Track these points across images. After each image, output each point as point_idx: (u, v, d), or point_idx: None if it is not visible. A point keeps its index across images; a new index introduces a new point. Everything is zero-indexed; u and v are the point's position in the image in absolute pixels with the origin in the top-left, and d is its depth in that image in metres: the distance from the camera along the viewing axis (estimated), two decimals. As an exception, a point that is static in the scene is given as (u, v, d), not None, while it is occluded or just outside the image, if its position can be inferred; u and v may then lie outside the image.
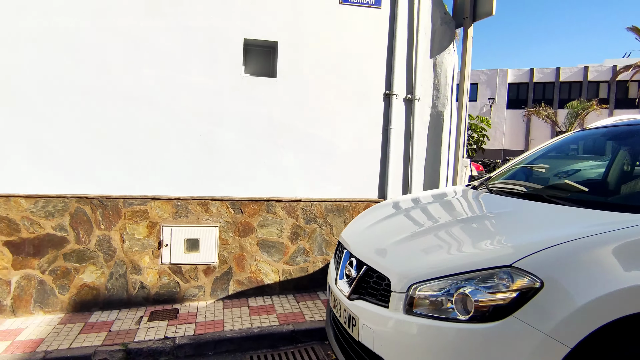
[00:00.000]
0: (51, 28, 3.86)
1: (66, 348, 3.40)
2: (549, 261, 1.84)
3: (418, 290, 2.01)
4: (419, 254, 2.22)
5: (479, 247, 2.09)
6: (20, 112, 3.86)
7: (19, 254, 3.92)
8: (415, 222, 2.66)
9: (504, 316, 1.81)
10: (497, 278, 1.87)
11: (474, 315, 1.86)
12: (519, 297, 1.81)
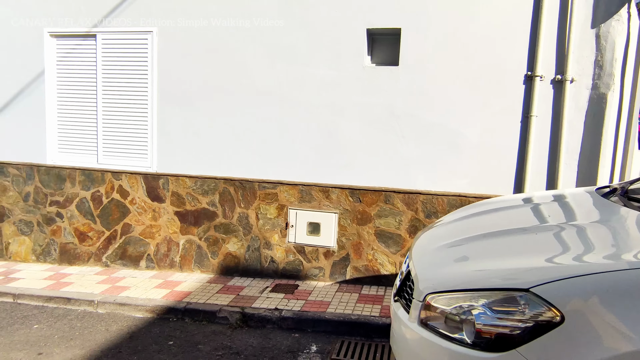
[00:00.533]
0: (209, 34, 4.63)
1: (202, 302, 4.15)
2: (578, 292, 1.44)
3: (433, 302, 1.82)
4: (450, 263, 1.98)
5: (510, 262, 1.75)
6: (185, 110, 4.76)
7: (184, 222, 4.90)
8: (474, 227, 2.33)
9: (506, 348, 1.51)
10: (511, 302, 1.56)
11: (476, 341, 1.60)
12: (530, 329, 1.48)
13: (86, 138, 5.13)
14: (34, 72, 5.09)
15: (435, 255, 2.11)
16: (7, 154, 5.29)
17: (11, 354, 3.38)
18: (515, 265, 1.70)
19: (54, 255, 5.29)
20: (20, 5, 5.08)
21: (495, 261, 1.82)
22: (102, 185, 5.05)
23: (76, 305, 4.28)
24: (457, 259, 1.98)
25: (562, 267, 1.53)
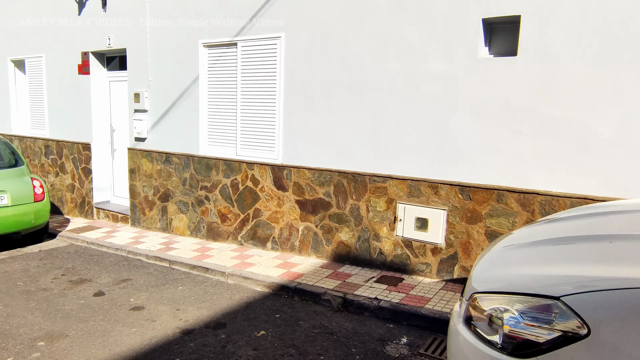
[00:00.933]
0: (327, 36, 4.95)
1: (310, 284, 4.53)
2: (606, 306, 1.32)
3: (477, 302, 1.81)
4: (504, 264, 1.90)
5: (555, 269, 1.63)
6: (306, 107, 5.18)
7: (303, 210, 5.35)
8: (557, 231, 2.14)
9: (529, 355, 1.45)
10: (542, 309, 1.49)
11: (503, 344, 1.56)
12: (554, 338, 1.40)
13: (228, 133, 5.95)
14: (191, 78, 6.09)
15: (497, 256, 2.04)
16: (172, 146, 6.45)
17: (159, 306, 4.22)
18: (557, 272, 1.58)
19: (203, 232, 6.28)
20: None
21: (543, 267, 1.71)
22: (239, 174, 5.81)
23: (212, 274, 5.06)
24: (512, 262, 1.90)
25: (596, 279, 1.40)
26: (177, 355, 3.32)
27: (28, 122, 8.79)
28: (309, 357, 3.29)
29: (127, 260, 5.64)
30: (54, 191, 8.34)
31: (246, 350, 3.38)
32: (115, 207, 7.57)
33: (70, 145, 7.87)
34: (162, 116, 6.48)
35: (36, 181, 6.26)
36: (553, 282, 1.53)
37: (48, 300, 4.34)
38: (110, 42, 6.96)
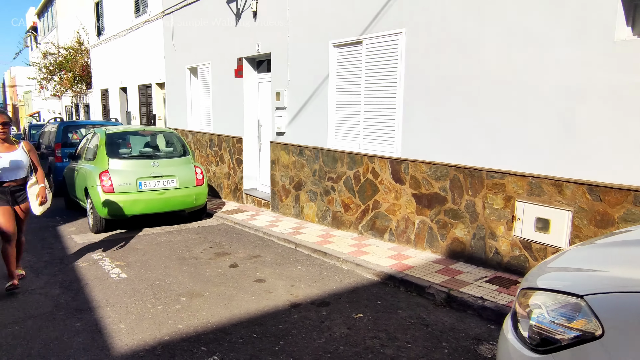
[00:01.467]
0: (446, 29, 4.87)
1: (417, 277, 4.58)
2: (621, 308, 1.22)
3: (522, 297, 1.77)
4: (557, 263, 1.79)
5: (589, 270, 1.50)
6: (425, 101, 5.17)
7: (419, 203, 5.38)
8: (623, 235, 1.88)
9: (546, 351, 1.41)
10: (566, 307, 1.43)
11: (528, 339, 1.53)
12: (571, 336, 1.35)
13: (352, 128, 6.26)
14: (322, 77, 6.56)
15: (560, 256, 1.92)
16: (305, 140, 7.04)
17: (277, 280, 4.76)
18: (588, 273, 1.47)
19: (328, 219, 6.74)
20: (313, 25, 6.62)
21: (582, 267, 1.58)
22: (361, 167, 6.09)
23: (329, 259, 5.46)
24: (565, 260, 1.78)
25: (617, 280, 1.28)
26: (282, 322, 3.76)
27: (198, 119, 10.46)
28: (397, 342, 3.41)
29: (262, 240, 6.41)
30: (214, 178, 9.79)
31: (340, 328, 3.65)
32: (260, 193, 8.57)
33: (227, 139, 9.14)
34: (298, 112, 7.12)
35: (198, 169, 7.49)
36: (580, 281, 1.44)
37: (195, 266, 5.25)
38: (259, 48, 7.88)
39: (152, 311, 4.01)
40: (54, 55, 21.86)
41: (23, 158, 4.49)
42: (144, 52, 13.29)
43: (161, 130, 8.26)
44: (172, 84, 11.52)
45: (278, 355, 3.24)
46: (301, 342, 3.43)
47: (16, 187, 4.49)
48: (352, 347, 3.34)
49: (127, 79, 15.00)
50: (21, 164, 4.47)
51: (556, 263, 1.82)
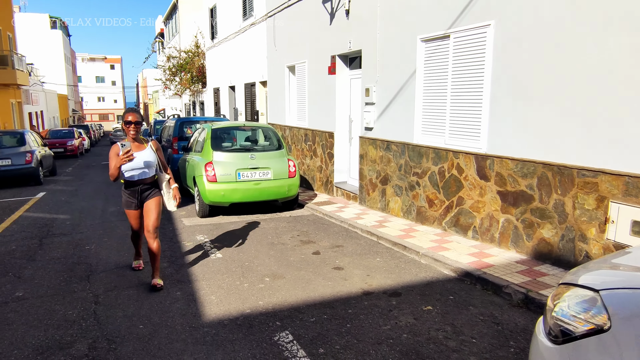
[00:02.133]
0: (536, 19, 4.64)
1: (495, 275, 4.48)
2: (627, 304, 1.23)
3: (558, 291, 1.78)
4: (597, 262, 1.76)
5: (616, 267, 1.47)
6: (514, 95, 4.98)
7: (504, 201, 5.20)
8: None
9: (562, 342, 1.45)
10: (584, 301, 1.45)
11: (550, 330, 1.56)
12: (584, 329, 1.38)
13: (438, 123, 6.21)
14: (409, 72, 6.59)
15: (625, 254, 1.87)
16: (391, 134, 7.13)
17: (354, 270, 4.98)
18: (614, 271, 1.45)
19: (413, 214, 6.77)
20: (401, 21, 6.66)
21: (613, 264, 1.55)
22: (446, 162, 6.03)
23: (408, 252, 5.53)
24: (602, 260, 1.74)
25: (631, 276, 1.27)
26: (352, 307, 3.98)
27: (295, 115, 11.04)
28: (462, 337, 3.43)
29: (346, 231, 6.68)
30: (308, 171, 10.29)
31: (407, 318, 3.76)
32: (349, 187, 8.84)
33: (320, 134, 9.56)
34: (385, 108, 7.23)
35: (291, 162, 7.98)
36: (611, 278, 1.44)
37: (281, 252, 5.69)
38: (350, 45, 8.11)
39: (239, 287, 4.49)
40: (176, 58, 24.38)
41: (152, 157, 4.42)
42: (249, 52, 14.31)
43: (260, 125, 8.93)
44: (273, 81, 12.28)
45: (343, 335, 3.47)
46: (367, 326, 3.62)
47: (145, 187, 4.47)
48: (415, 337, 3.44)
49: (235, 78, 16.26)
50: (152, 164, 4.42)
51: (616, 260, 1.78)
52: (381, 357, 3.15)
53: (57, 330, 3.65)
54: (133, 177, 4.38)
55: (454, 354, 3.19)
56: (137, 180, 4.41)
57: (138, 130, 4.33)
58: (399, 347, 3.28)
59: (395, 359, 3.14)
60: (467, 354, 3.18)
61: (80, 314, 3.95)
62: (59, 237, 6.56)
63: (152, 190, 4.52)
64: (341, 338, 3.44)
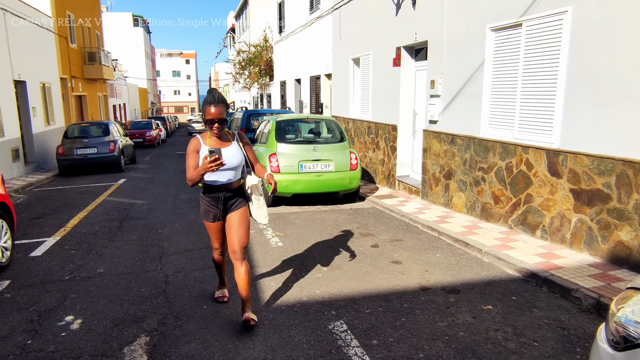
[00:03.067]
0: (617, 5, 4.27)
1: (564, 278, 4.23)
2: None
3: (623, 296, 1.67)
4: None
5: None
6: (592, 86, 4.63)
7: (577, 200, 4.88)
8: None
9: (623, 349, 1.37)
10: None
11: (611, 337, 1.48)
12: None
13: (507, 116, 5.93)
14: (477, 63, 6.34)
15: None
16: (456, 128, 6.92)
17: (413, 264, 4.93)
18: None
19: (477, 211, 6.54)
20: (470, 10, 6.39)
21: None
22: (514, 157, 5.75)
23: (470, 249, 5.37)
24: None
25: None
26: (408, 302, 3.96)
27: (359, 108, 11.02)
28: (523, 339, 3.29)
29: (406, 226, 6.60)
30: (370, 164, 10.25)
31: (465, 316, 3.67)
32: (411, 181, 8.70)
33: (383, 127, 9.47)
34: (451, 100, 7.02)
35: (353, 154, 8.00)
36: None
37: (340, 243, 5.75)
38: (416, 36, 7.94)
39: (297, 275, 4.62)
40: (245, 52, 25.17)
41: (239, 156, 3.43)
42: (315, 45, 14.45)
43: (323, 118, 9.02)
44: (338, 74, 12.32)
45: (397, 329, 3.46)
46: (422, 321, 3.58)
47: (229, 194, 3.48)
48: (472, 335, 3.36)
49: (300, 71, 16.50)
50: (238, 165, 3.44)
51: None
52: (435, 353, 3.12)
53: (131, 305, 3.98)
54: (216, 182, 3.41)
55: (512, 355, 3.08)
56: (220, 185, 3.43)
57: (221, 128, 3.31)
58: (455, 345, 3.22)
59: (450, 356, 3.08)
60: (527, 357, 3.05)
61: (152, 292, 4.26)
62: (136, 221, 7.10)
63: (237, 200, 3.51)
64: (395, 331, 3.43)
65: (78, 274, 4.79)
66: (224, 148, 3.35)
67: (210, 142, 3.38)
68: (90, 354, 3.20)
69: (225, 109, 3.28)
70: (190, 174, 3.26)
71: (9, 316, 3.83)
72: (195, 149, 3.36)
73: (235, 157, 3.38)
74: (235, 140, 3.47)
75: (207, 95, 3.28)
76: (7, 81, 12.00)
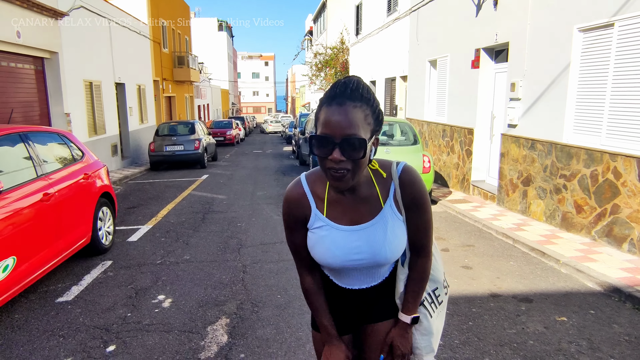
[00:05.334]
0: None
1: (651, 295, 3.97)
2: None
3: None
4: None
5: None
6: (693, 88, 4.28)
7: (672, 213, 4.52)
8: None
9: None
10: None
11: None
12: None
13: (594, 121, 5.61)
14: (562, 66, 6.05)
15: None
16: (537, 133, 6.65)
17: (484, 271, 4.86)
18: None
19: (557, 220, 6.25)
20: (556, 10, 6.11)
21: None
22: (600, 165, 5.44)
23: (547, 259, 5.18)
24: None
25: None
26: (476, 307, 3.94)
27: (434, 110, 10.88)
28: (598, 354, 3.17)
29: (479, 232, 6.47)
30: (444, 167, 10.09)
31: (536, 325, 3.59)
32: (487, 186, 8.47)
33: (459, 130, 9.29)
34: (532, 104, 6.75)
35: (426, 157, 7.97)
36: None
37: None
38: (497, 38, 7.72)
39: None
40: (322, 55, 25.68)
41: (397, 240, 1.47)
42: (391, 47, 14.44)
43: (397, 120, 9.06)
44: (414, 76, 12.24)
45: (464, 332, 3.49)
46: (490, 327, 3.57)
47: (364, 298, 1.61)
48: (543, 345, 3.29)
49: (376, 72, 16.56)
50: (389, 257, 1.48)
51: None
52: (501, 358, 3.11)
53: (213, 290, 4.37)
54: (344, 284, 1.60)
55: (586, 369, 2.99)
56: (349, 290, 1.61)
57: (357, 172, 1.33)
58: (523, 353, 3.19)
59: (518, 363, 3.07)
60: (602, 372, 2.96)
61: (232, 280, 4.63)
62: (217, 214, 7.64)
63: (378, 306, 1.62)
64: (461, 334, 3.46)
65: (168, 259, 5.31)
66: (360, 227, 1.46)
67: (329, 199, 1.47)
68: (179, 330, 3.59)
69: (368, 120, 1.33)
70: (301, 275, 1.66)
71: (112, 291, 4.38)
72: (295, 221, 1.53)
73: (384, 241, 1.45)
74: (391, 198, 1.46)
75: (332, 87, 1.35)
76: (110, 84, 13.38)
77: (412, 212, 1.47)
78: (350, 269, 1.51)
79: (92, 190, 5.34)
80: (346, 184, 1.33)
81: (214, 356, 3.20)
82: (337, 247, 1.45)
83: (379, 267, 1.52)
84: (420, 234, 1.50)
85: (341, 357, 1.57)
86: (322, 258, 1.49)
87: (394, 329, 1.58)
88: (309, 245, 1.52)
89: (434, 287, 1.63)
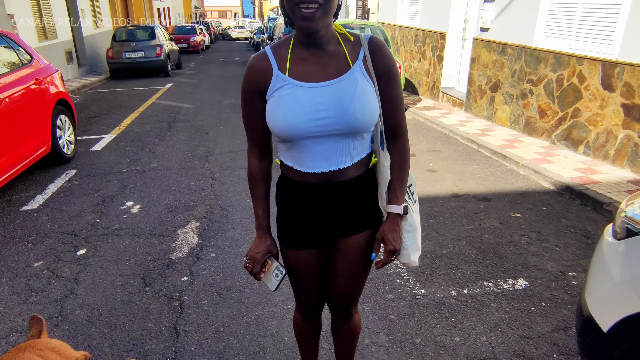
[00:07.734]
0: None
1: (599, 192, 4.24)
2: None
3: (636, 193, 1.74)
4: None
5: None
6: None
7: (628, 115, 4.69)
8: None
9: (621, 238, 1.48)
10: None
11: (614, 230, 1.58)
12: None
13: (565, 23, 5.53)
14: (539, -38, 5.79)
15: None
16: (508, 36, 6.53)
17: (447, 173, 5.03)
18: None
19: (520, 125, 6.40)
20: None
21: None
22: (566, 69, 5.47)
23: (507, 162, 5.38)
24: None
25: None
26: (438, 206, 4.14)
27: (407, 13, 10.45)
28: (545, 244, 3.45)
29: (445, 137, 6.60)
30: (415, 74, 9.96)
31: (492, 221, 3.83)
32: (456, 92, 8.47)
33: (431, 35, 9.04)
34: (506, 5, 6.55)
35: (397, 63, 7.80)
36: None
37: (377, 151, 5.88)
38: None
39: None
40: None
41: (370, 101, 1.31)
42: (364, -57, 13.40)
43: (368, 23, 8.69)
44: (387, -24, 11.55)
45: (425, 229, 3.69)
46: (449, 224, 3.78)
47: (343, 188, 1.40)
48: (496, 238, 3.54)
49: (348, -28, 15.51)
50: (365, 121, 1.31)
51: None
52: (458, 250, 3.35)
53: (182, 196, 4.39)
54: (309, 168, 1.37)
55: (532, 257, 3.26)
56: (319, 173, 1.37)
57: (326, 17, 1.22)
58: (478, 245, 3.43)
59: (472, 254, 3.30)
60: (546, 259, 3.23)
61: (201, 186, 4.65)
62: (184, 123, 7.46)
63: (359, 208, 1.46)
64: (423, 230, 3.66)
65: (134, 167, 5.24)
66: (325, 83, 1.30)
67: (293, 58, 1.33)
68: (150, 233, 3.65)
69: None
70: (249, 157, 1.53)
71: (79, 199, 4.35)
72: (253, 91, 1.38)
73: (355, 101, 1.29)
74: (360, 59, 1.33)
75: None
76: (56, -19, 12.09)
77: (384, 84, 1.33)
78: (315, 140, 1.30)
79: (46, 97, 5.05)
80: (316, 24, 1.20)
81: (185, 256, 3.31)
82: (298, 104, 1.26)
83: (349, 137, 1.31)
84: (395, 110, 1.37)
85: (263, 250, 1.49)
86: (282, 121, 1.28)
87: (384, 224, 1.42)
88: (268, 114, 1.32)
89: (409, 183, 1.52)
